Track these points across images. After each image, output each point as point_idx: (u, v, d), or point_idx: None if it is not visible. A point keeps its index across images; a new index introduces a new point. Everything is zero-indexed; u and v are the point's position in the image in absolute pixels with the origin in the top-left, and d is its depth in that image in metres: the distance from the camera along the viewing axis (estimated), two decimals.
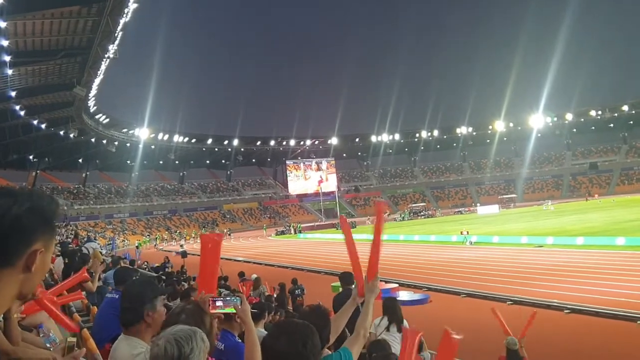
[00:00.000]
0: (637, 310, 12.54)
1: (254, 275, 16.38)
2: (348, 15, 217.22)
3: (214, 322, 2.88)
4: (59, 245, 18.44)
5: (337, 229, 62.17)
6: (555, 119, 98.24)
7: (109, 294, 5.29)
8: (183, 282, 13.32)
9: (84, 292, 8.00)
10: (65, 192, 76.23)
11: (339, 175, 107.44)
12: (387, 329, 6.79)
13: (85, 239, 22.67)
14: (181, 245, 54.26)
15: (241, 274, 17.10)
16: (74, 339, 3.23)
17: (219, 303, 2.82)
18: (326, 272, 25.52)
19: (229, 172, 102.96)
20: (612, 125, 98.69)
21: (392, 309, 7.13)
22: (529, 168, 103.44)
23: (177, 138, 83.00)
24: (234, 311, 2.82)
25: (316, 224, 78.49)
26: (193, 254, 30.13)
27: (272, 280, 17.15)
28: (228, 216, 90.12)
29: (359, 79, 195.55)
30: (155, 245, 59.31)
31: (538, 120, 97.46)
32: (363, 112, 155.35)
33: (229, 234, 69.53)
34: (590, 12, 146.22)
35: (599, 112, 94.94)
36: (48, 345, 2.42)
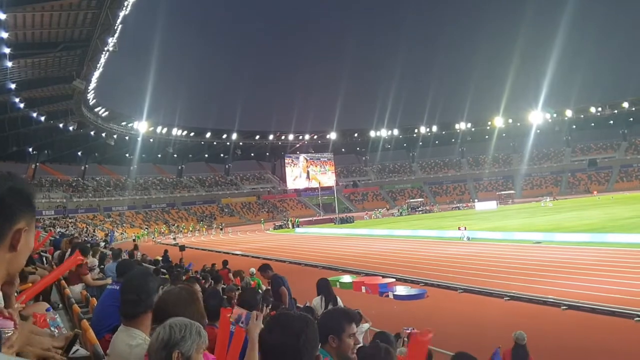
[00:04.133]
0: (635, 307, 12.60)
1: (252, 269, 16.43)
2: (347, 10, 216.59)
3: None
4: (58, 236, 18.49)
5: (335, 224, 62.32)
6: (555, 115, 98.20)
7: (109, 285, 5.33)
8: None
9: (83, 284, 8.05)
10: (64, 184, 76.21)
11: (337, 170, 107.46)
12: (325, 307, 7.24)
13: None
14: (174, 238, 54.33)
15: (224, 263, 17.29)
16: (80, 331, 3.27)
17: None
18: (323, 266, 25.61)
19: (227, 166, 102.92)
20: (611, 122, 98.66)
21: (325, 289, 7.78)
22: (527, 164, 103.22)
23: (175, 131, 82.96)
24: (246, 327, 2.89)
25: (314, 218, 78.63)
26: (191, 247, 30.19)
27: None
28: (226, 210, 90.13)
29: (358, 74, 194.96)
30: (153, 239, 59.33)
31: (537, 117, 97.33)
32: (362, 108, 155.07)
33: (221, 228, 69.57)
34: (590, 7, 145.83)
35: (599, 109, 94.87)
36: (54, 329, 2.44)
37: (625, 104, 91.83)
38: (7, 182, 1.31)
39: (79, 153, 77.63)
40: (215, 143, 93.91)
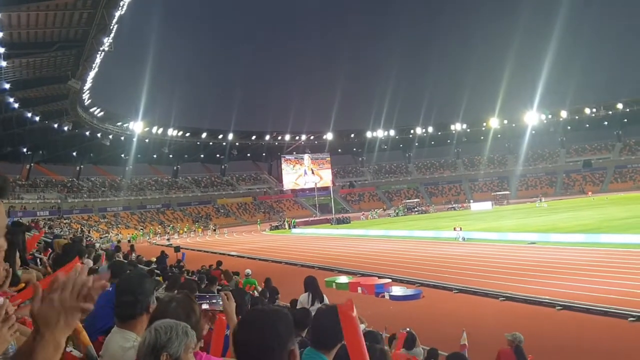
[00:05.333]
0: (629, 307, 12.65)
1: (248, 270, 16.45)
2: (342, 11, 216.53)
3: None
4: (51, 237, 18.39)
5: (332, 225, 62.31)
6: (550, 116, 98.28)
7: None
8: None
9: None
10: (59, 185, 75.97)
11: (334, 170, 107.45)
12: (312, 304, 7.51)
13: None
14: (167, 239, 54.15)
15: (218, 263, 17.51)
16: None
17: (204, 306, 2.87)
18: (320, 267, 25.61)
19: (223, 167, 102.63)
20: (606, 123, 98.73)
21: (312, 286, 8.01)
22: (522, 165, 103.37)
23: (171, 132, 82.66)
24: (222, 310, 2.89)
25: (310, 219, 78.54)
26: (186, 248, 30.13)
27: (265, 276, 17.18)
28: (222, 211, 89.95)
29: (354, 75, 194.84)
30: (148, 239, 59.14)
31: (532, 118, 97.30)
32: (358, 108, 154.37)
33: (214, 229, 69.35)
34: (584, 9, 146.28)
35: (594, 110, 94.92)
36: None
37: (620, 105, 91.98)
38: None
39: (74, 153, 77.27)
40: (211, 143, 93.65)
